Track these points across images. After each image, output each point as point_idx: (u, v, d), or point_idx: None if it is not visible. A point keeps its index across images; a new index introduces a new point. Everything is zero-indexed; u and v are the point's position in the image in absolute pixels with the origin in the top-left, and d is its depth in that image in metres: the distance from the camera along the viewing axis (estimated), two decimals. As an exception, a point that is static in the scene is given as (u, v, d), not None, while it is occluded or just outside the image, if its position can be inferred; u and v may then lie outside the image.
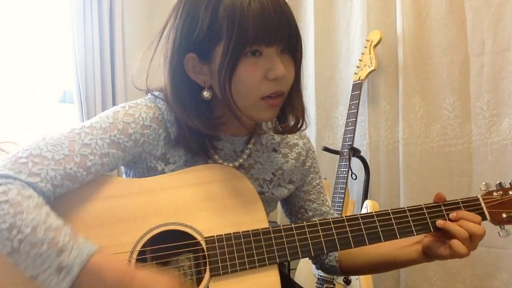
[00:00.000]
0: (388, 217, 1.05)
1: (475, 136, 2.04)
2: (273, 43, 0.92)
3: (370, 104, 2.38)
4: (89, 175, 0.92)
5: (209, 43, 0.93)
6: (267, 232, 0.99)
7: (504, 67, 1.94)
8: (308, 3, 2.62)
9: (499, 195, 1.09)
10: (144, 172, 1.03)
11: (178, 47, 0.96)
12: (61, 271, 0.80)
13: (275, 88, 0.96)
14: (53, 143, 0.90)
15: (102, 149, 0.93)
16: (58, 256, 0.80)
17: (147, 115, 1.00)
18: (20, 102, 2.31)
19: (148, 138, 1.00)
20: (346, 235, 1.02)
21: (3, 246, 0.80)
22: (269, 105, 0.97)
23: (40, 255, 0.79)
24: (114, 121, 0.97)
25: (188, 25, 0.94)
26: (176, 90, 0.98)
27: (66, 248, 0.81)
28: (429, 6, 2.16)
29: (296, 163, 1.18)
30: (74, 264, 0.80)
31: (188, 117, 0.98)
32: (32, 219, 0.80)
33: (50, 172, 0.87)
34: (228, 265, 0.95)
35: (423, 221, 1.06)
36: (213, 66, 0.95)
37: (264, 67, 0.93)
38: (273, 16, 0.90)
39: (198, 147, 1.03)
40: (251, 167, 1.12)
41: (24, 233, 0.79)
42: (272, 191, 1.14)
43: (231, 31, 0.89)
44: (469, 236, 1.01)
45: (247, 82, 0.93)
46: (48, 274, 0.80)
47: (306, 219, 1.23)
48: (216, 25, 0.91)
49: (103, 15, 2.48)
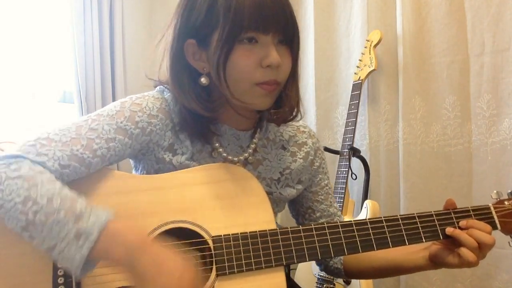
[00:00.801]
0: (397, 223, 1.04)
1: (475, 136, 2.04)
2: (269, 30, 0.93)
3: (370, 104, 2.38)
4: (95, 157, 0.93)
5: (207, 28, 0.94)
6: (275, 233, 0.99)
7: (504, 67, 1.94)
8: (308, 3, 2.62)
9: (510, 204, 1.07)
10: (153, 164, 1.03)
11: (178, 32, 0.98)
12: (79, 237, 0.79)
13: (269, 77, 0.96)
14: (61, 128, 0.93)
15: (108, 134, 0.95)
16: (76, 222, 0.79)
17: (153, 105, 1.01)
18: (20, 102, 2.30)
19: (155, 127, 1.00)
20: (354, 239, 1.01)
21: (17, 221, 0.80)
22: (263, 91, 0.97)
23: (58, 223, 0.79)
24: (121, 109, 0.98)
25: (188, 10, 0.96)
26: (176, 75, 1.00)
27: (83, 214, 0.81)
28: (429, 6, 2.16)
29: (305, 162, 1.17)
30: (93, 228, 0.79)
31: (187, 99, 0.99)
32: (47, 190, 0.81)
33: (57, 152, 0.88)
34: (235, 265, 0.95)
35: (432, 228, 1.04)
36: (210, 52, 0.96)
37: (259, 54, 0.94)
38: (269, 4, 0.91)
39: (200, 132, 1.04)
40: (259, 163, 1.12)
41: (39, 204, 0.79)
42: (281, 191, 1.14)
43: (227, 17, 0.91)
44: (478, 246, 1.00)
45: (241, 67, 0.94)
46: (66, 242, 0.79)
47: (314, 220, 1.23)
48: (214, 11, 0.92)
49: (103, 15, 2.48)
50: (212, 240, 0.95)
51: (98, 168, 0.95)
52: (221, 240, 0.95)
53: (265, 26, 0.92)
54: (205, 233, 0.96)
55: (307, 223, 1.24)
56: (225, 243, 0.96)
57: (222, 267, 0.94)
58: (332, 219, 1.23)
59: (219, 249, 0.95)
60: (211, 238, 0.95)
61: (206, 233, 0.96)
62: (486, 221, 1.05)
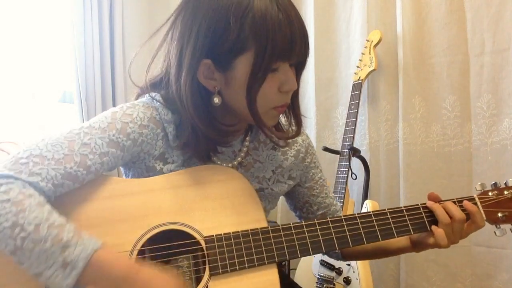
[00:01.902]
0: (385, 217, 1.07)
1: (475, 136, 2.03)
2: (294, 58, 0.95)
3: (370, 104, 2.38)
4: (89, 174, 0.93)
5: (231, 52, 0.92)
6: (266, 231, 1.00)
7: (504, 67, 1.94)
8: (308, 3, 2.62)
9: (494, 194, 1.11)
10: (143, 172, 1.03)
11: (198, 53, 0.93)
12: (66, 267, 0.80)
13: (286, 100, 1.00)
14: (53, 143, 0.90)
15: (101, 148, 0.94)
16: (62, 252, 0.80)
17: (144, 115, 1.00)
18: (20, 102, 2.31)
19: (146, 137, 1.00)
20: (344, 235, 1.04)
21: (6, 245, 0.80)
22: (277, 113, 1.01)
23: (44, 252, 0.79)
24: (112, 121, 0.97)
25: (212, 32, 0.91)
26: (190, 95, 0.97)
27: (70, 244, 0.81)
28: (429, 6, 2.15)
29: (295, 160, 1.19)
30: (79, 259, 0.80)
31: (203, 124, 0.98)
32: (34, 217, 0.80)
33: (50, 171, 0.87)
34: (228, 264, 0.95)
35: (420, 220, 1.08)
36: (231, 74, 0.95)
37: (279, 80, 0.96)
38: (298, 32, 0.92)
39: (204, 151, 1.04)
40: (251, 165, 1.13)
41: (27, 231, 0.79)
42: (272, 187, 1.15)
43: (263, 45, 0.90)
44: (450, 222, 1.05)
45: (266, 94, 0.95)
46: (53, 270, 0.79)
47: (312, 212, 1.26)
48: (242, 36, 0.90)
49: (103, 15, 2.48)
50: (205, 240, 0.96)
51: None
52: (213, 240, 0.96)
53: (293, 55, 0.94)
54: (197, 234, 0.96)
55: (305, 216, 1.28)
56: (217, 243, 0.96)
57: (215, 267, 0.95)
58: (329, 209, 1.27)
59: (212, 249, 0.95)
60: (204, 239, 0.96)
61: (198, 234, 0.96)
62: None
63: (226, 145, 1.09)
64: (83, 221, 0.92)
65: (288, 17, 0.90)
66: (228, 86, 0.97)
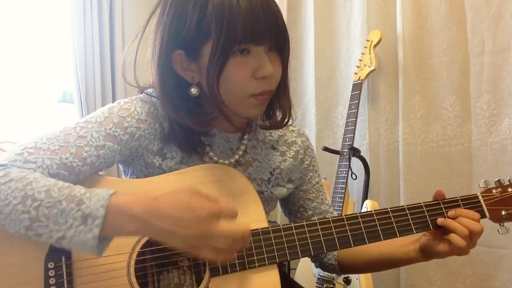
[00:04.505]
0: (387, 216, 1.05)
1: (475, 136, 2.03)
2: (262, 42, 0.93)
3: (370, 104, 2.38)
4: (85, 166, 0.92)
5: (197, 40, 0.93)
6: (267, 232, 0.99)
7: (504, 67, 1.93)
8: (308, 3, 2.62)
9: (498, 192, 1.10)
10: (142, 168, 1.03)
11: (166, 44, 0.95)
12: (87, 220, 0.78)
13: (264, 87, 0.97)
14: (48, 137, 0.91)
15: (97, 141, 0.93)
16: (79, 207, 0.78)
17: (142, 109, 1.00)
18: (20, 102, 2.31)
19: (144, 132, 1.00)
20: (345, 234, 1.02)
21: (20, 222, 0.78)
22: (258, 101, 0.98)
23: (62, 212, 0.78)
24: (109, 115, 0.97)
25: (176, 22, 0.94)
26: (165, 87, 0.98)
27: (84, 198, 0.80)
28: (429, 6, 2.15)
29: (294, 161, 1.18)
30: (98, 208, 0.78)
31: (178, 114, 0.98)
32: (43, 185, 0.80)
33: (46, 160, 0.87)
34: (228, 265, 0.94)
35: (422, 219, 1.06)
36: (201, 63, 0.95)
37: (252, 66, 0.94)
38: (261, 15, 0.90)
39: (189, 144, 1.03)
40: (249, 164, 1.12)
41: (38, 199, 0.78)
42: (272, 191, 1.14)
43: (219, 30, 0.89)
44: (469, 234, 1.01)
45: (235, 80, 0.94)
46: (74, 228, 0.78)
47: (306, 218, 1.23)
48: (205, 23, 0.91)
49: (103, 15, 2.48)
50: None
51: (87, 175, 0.94)
52: None
53: (259, 38, 0.92)
54: None
55: (299, 221, 1.23)
56: (217, 244, 0.95)
57: (216, 268, 0.94)
58: (324, 216, 1.23)
59: (212, 250, 0.95)
60: None
61: None
62: (475, 210, 1.07)
63: (207, 135, 1.06)
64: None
65: (249, 1, 0.89)
66: (201, 75, 0.96)
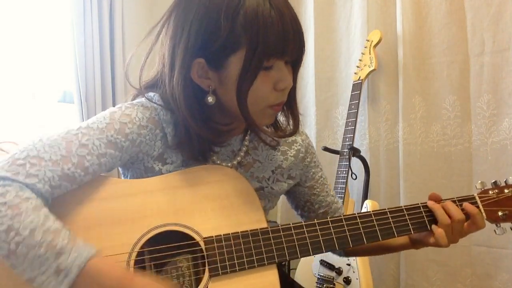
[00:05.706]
0: (385, 216, 1.07)
1: (475, 136, 2.03)
2: (287, 56, 0.94)
3: (370, 104, 2.38)
4: (87, 175, 0.92)
5: (224, 51, 0.92)
6: (266, 232, 0.99)
7: (504, 67, 1.94)
8: (308, 3, 2.62)
9: (494, 193, 1.11)
10: (141, 172, 1.03)
11: (190, 52, 0.93)
12: (59, 274, 0.79)
13: (281, 98, 0.99)
14: (50, 144, 0.89)
15: (99, 149, 0.93)
16: (56, 258, 0.79)
17: (143, 115, 1.00)
18: (20, 102, 2.30)
19: (145, 138, 1.00)
20: (344, 234, 1.04)
21: (0, 249, 0.79)
22: (273, 111, 1.01)
23: (38, 257, 0.79)
24: (111, 121, 0.96)
25: (204, 31, 0.91)
26: (182, 95, 0.96)
27: (64, 250, 0.80)
28: (429, 6, 2.15)
29: (295, 160, 1.19)
30: (72, 266, 0.79)
31: (197, 125, 0.98)
32: (30, 222, 0.80)
33: (47, 173, 0.86)
34: (227, 265, 0.95)
35: (420, 219, 1.08)
36: (224, 73, 0.94)
37: (274, 78, 0.95)
38: (291, 29, 0.91)
39: (199, 152, 1.03)
40: (251, 165, 1.12)
41: (21, 236, 0.79)
42: (272, 186, 1.15)
43: (254, 43, 0.89)
44: (451, 222, 1.05)
45: (260, 92, 0.95)
46: (46, 276, 0.79)
47: (313, 211, 1.27)
48: (234, 34, 0.89)
49: (103, 15, 2.47)
50: (204, 241, 0.95)
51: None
52: (212, 241, 0.96)
53: (286, 52, 0.93)
54: (197, 235, 0.96)
55: (306, 214, 1.28)
56: (217, 244, 0.96)
57: (215, 268, 0.94)
58: (330, 207, 1.27)
59: (211, 250, 0.95)
60: (203, 240, 0.96)
61: (198, 234, 0.96)
62: None
63: (222, 145, 1.08)
64: (81, 222, 0.91)
65: (281, 14, 0.89)
66: (222, 85, 0.96)
